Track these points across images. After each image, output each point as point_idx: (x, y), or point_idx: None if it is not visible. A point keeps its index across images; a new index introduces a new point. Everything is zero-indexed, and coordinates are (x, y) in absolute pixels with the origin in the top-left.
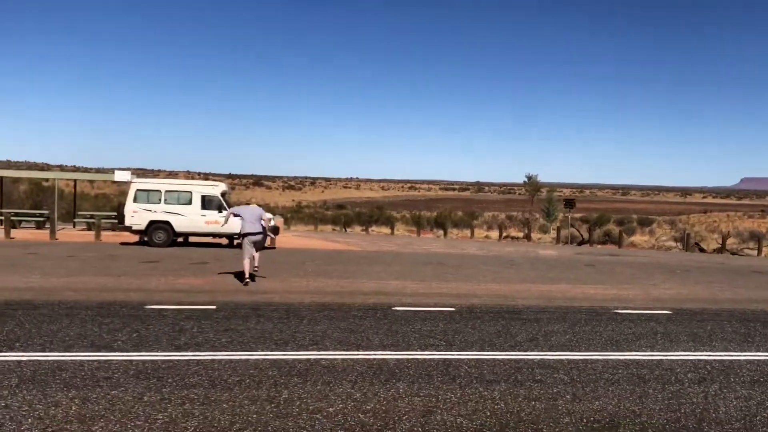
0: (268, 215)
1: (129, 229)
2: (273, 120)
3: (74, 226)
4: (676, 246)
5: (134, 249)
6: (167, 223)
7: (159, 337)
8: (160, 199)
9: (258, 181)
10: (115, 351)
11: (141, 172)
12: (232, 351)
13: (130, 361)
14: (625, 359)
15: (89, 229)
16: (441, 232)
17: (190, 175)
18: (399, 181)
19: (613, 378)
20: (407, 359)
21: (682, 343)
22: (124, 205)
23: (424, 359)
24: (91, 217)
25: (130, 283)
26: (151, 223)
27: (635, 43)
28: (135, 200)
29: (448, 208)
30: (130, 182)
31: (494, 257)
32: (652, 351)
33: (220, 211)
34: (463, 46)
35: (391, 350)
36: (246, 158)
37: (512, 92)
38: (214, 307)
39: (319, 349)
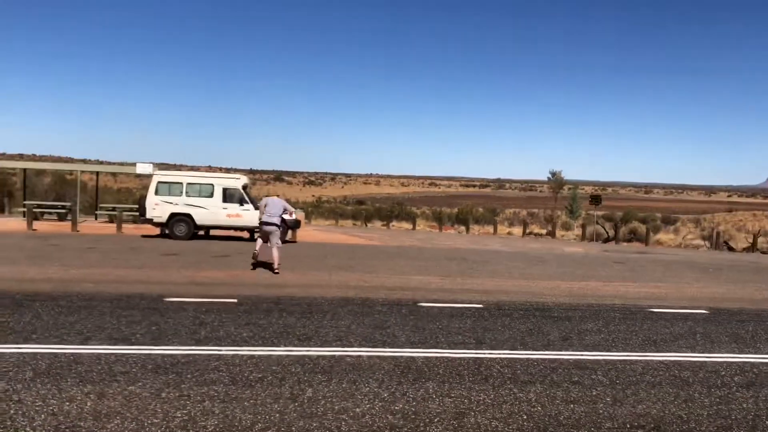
0: (291, 208)
1: (150, 221)
2: (293, 116)
3: (96, 219)
4: (704, 244)
5: (155, 241)
6: (188, 215)
7: (178, 331)
8: (181, 192)
9: (279, 176)
10: (133, 344)
11: (163, 167)
12: (253, 346)
13: (149, 355)
14: (666, 360)
15: (111, 221)
16: (462, 228)
17: (211, 170)
18: (419, 178)
19: (655, 380)
20: (436, 357)
21: (724, 344)
22: (145, 197)
23: (454, 357)
24: (113, 209)
25: (150, 275)
26: (173, 215)
27: (658, 35)
28: (156, 193)
29: (469, 204)
30: (152, 175)
31: (519, 253)
32: (693, 352)
33: (242, 204)
34: (480, 42)
35: (418, 348)
36: (267, 153)
37: (532, 88)
38: (235, 300)
39: (343, 346)
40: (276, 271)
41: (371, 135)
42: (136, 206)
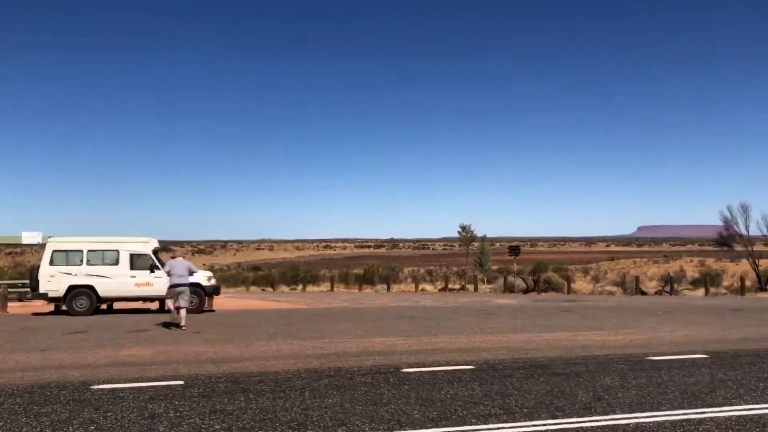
0: (208, 273)
1: (44, 296)
2: (178, 182)
3: None
4: (617, 290)
5: (51, 319)
6: (90, 287)
7: (128, 430)
8: (81, 260)
9: (165, 246)
10: None
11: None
12: None
13: None
14: (729, 416)
15: None
16: (378, 287)
17: None
18: (313, 241)
19: None
20: None
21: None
22: (38, 269)
23: None
24: None
25: (61, 358)
26: (71, 288)
27: (525, 92)
28: (52, 263)
29: (375, 264)
30: (46, 242)
31: (460, 308)
32: (746, 403)
33: (153, 271)
34: (366, 102)
35: (445, 425)
36: (150, 222)
37: (414, 150)
38: (181, 382)
39: (356, 431)
40: (183, 328)
41: (262, 201)
42: (22, 282)
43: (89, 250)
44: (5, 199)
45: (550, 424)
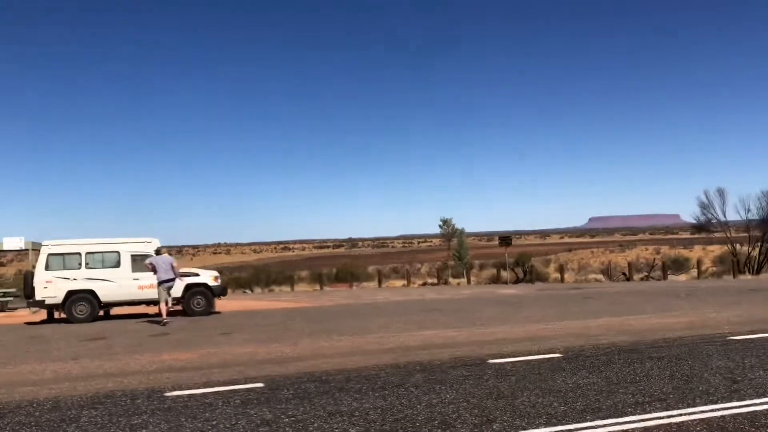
0: (214, 273)
1: (41, 304)
2: (130, 187)
3: None
4: (603, 278)
5: (54, 327)
6: (91, 292)
7: None
8: (80, 264)
9: None
10: None
11: None
12: None
13: None
14: None
15: None
16: (365, 283)
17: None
18: (270, 243)
19: None
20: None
21: None
22: (32, 275)
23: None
24: None
25: (102, 366)
26: (70, 293)
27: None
28: (47, 267)
29: (348, 263)
30: (29, 249)
31: (473, 299)
32: None
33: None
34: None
35: (607, 416)
36: (102, 227)
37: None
38: (260, 384)
39: (533, 427)
40: (164, 323)
41: (217, 204)
42: (5, 291)
43: (88, 253)
44: None
45: (735, 407)
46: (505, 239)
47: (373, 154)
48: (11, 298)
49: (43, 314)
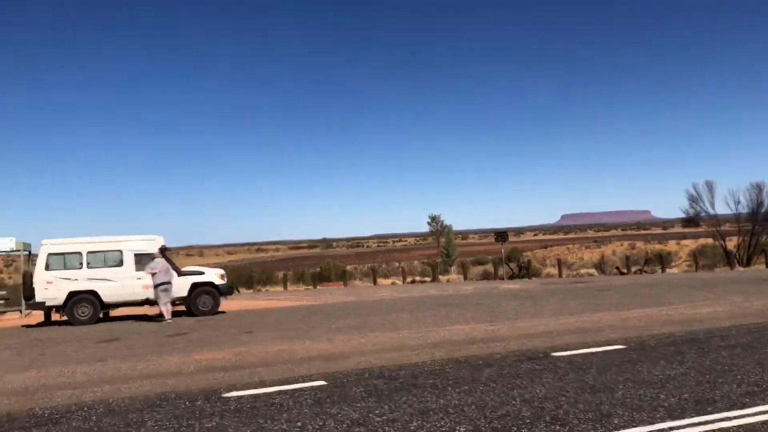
0: (220, 271)
1: (41, 305)
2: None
3: None
4: (594, 272)
5: (56, 330)
6: (92, 292)
7: None
8: (81, 264)
9: None
10: None
11: None
12: None
13: None
14: None
15: None
16: (357, 282)
17: None
18: (244, 245)
19: None
20: None
21: None
22: (31, 275)
23: None
24: None
25: (134, 367)
26: (71, 294)
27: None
28: (47, 268)
29: (329, 263)
30: (20, 249)
31: (483, 293)
32: None
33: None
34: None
35: (732, 407)
36: (74, 228)
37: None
38: (322, 382)
39: (629, 421)
40: (168, 321)
41: (189, 205)
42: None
43: (89, 252)
44: None
45: None
46: (502, 235)
47: (347, 155)
48: (2, 301)
49: (35, 317)
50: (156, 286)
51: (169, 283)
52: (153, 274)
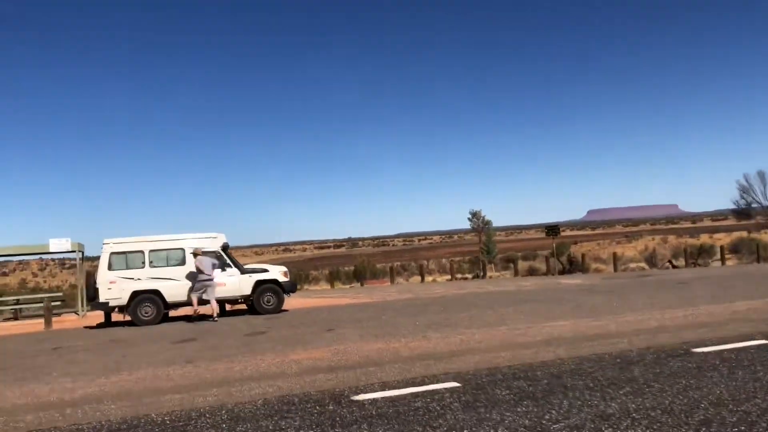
0: (283, 268)
1: (105, 306)
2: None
3: None
4: (645, 266)
5: (122, 331)
6: (156, 291)
7: None
8: (143, 263)
9: None
10: None
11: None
12: None
13: None
14: None
15: (15, 318)
16: (399, 279)
17: None
18: (271, 245)
19: None
20: None
21: None
22: (94, 275)
23: None
24: (17, 302)
25: (232, 368)
26: (135, 294)
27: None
28: (110, 267)
29: (363, 260)
30: (74, 250)
31: (549, 289)
32: None
33: (224, 270)
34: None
35: None
36: (92, 231)
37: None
38: (455, 384)
39: None
40: (215, 319)
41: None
42: (59, 294)
43: (151, 251)
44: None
45: None
46: (553, 229)
47: (372, 155)
48: (59, 303)
49: (93, 318)
50: (201, 282)
51: (210, 279)
52: (200, 272)
